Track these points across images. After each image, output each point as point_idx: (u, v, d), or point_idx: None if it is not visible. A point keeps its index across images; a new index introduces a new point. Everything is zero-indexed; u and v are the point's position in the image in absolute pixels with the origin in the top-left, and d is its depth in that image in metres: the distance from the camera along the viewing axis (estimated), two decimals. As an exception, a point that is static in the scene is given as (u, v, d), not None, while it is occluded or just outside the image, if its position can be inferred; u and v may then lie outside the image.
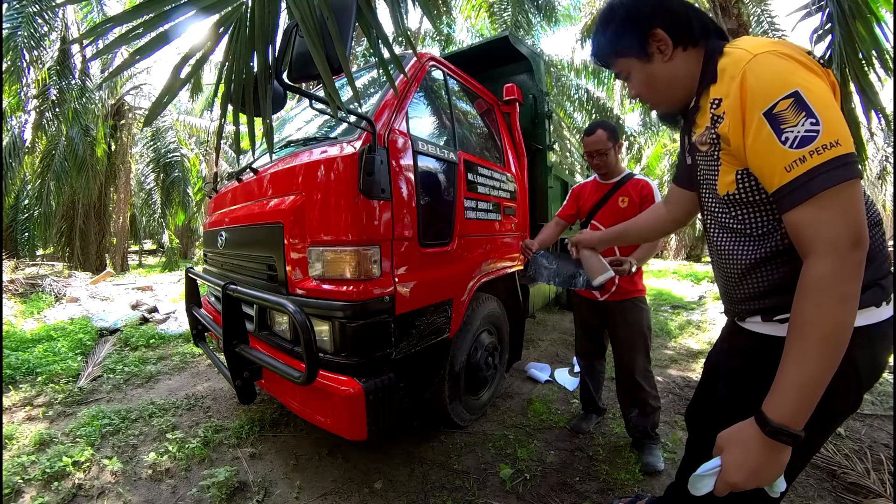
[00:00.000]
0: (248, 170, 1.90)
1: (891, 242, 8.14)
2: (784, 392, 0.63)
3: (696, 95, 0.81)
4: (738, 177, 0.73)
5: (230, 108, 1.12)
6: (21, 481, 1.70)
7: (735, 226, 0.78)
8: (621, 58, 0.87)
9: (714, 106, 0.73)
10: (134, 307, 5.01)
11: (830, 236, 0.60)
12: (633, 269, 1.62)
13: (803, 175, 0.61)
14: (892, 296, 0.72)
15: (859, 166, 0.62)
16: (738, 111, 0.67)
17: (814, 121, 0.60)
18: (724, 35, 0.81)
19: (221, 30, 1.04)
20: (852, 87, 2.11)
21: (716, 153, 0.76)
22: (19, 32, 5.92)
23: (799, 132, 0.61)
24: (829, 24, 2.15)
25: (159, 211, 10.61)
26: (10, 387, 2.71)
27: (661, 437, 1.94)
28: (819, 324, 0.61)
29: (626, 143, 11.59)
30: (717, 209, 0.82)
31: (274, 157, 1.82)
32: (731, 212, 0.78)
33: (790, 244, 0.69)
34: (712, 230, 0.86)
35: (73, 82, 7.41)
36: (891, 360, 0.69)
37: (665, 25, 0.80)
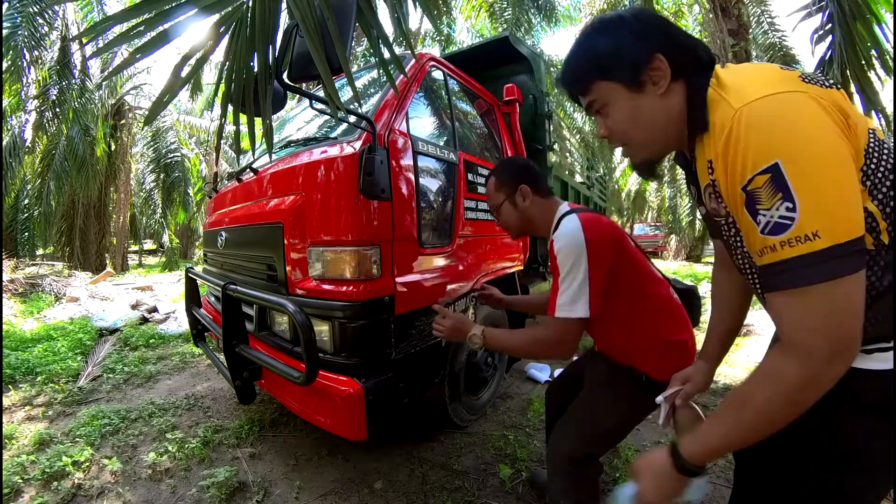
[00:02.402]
0: (248, 170, 1.89)
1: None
2: (703, 440, 0.65)
3: (689, 144, 0.69)
4: None
5: (230, 108, 1.12)
6: (21, 481, 1.69)
7: None
8: (605, 81, 0.71)
9: (710, 170, 0.63)
10: (134, 307, 5.01)
11: (804, 341, 0.54)
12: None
13: (773, 265, 0.54)
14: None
15: (854, 258, 0.51)
16: (726, 183, 0.59)
17: (790, 205, 0.51)
18: (711, 57, 0.69)
19: (222, 29, 1.04)
20: (853, 88, 2.11)
21: (733, 223, 0.66)
22: (19, 32, 5.92)
23: (772, 217, 0.52)
24: (830, 25, 2.16)
25: (159, 211, 10.62)
26: (9, 386, 2.71)
27: None
28: (759, 412, 0.59)
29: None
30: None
31: (274, 157, 1.81)
32: None
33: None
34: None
35: (73, 82, 7.41)
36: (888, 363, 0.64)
37: (668, 52, 0.66)
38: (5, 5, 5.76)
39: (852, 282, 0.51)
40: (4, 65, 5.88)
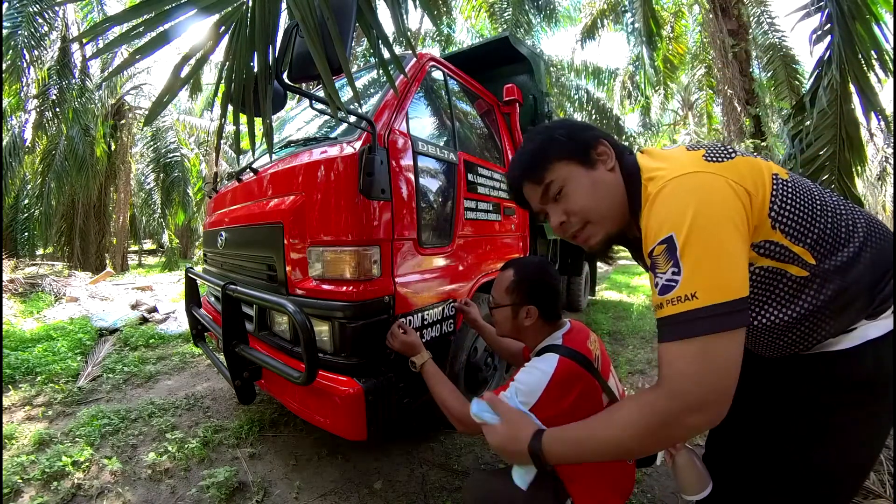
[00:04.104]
0: (248, 170, 1.90)
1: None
2: (562, 444, 0.70)
3: (635, 220, 0.76)
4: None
5: (230, 108, 1.12)
6: (20, 481, 1.69)
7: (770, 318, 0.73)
8: (561, 162, 0.79)
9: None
10: (134, 307, 5.01)
11: (679, 384, 0.59)
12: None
13: (660, 321, 0.62)
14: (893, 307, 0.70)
15: (732, 317, 0.57)
16: (643, 249, 0.69)
17: (675, 270, 0.59)
18: (630, 151, 0.83)
19: (222, 30, 1.04)
20: (851, 88, 2.11)
21: None
22: (19, 32, 5.92)
23: (661, 279, 0.61)
24: (829, 25, 2.15)
25: (159, 211, 10.63)
26: (9, 386, 2.70)
27: None
28: (618, 434, 0.63)
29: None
30: None
31: (274, 157, 1.81)
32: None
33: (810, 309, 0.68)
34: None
35: (73, 82, 7.41)
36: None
37: (606, 140, 0.81)
38: (5, 5, 5.76)
39: (728, 339, 0.57)
40: (4, 65, 5.88)
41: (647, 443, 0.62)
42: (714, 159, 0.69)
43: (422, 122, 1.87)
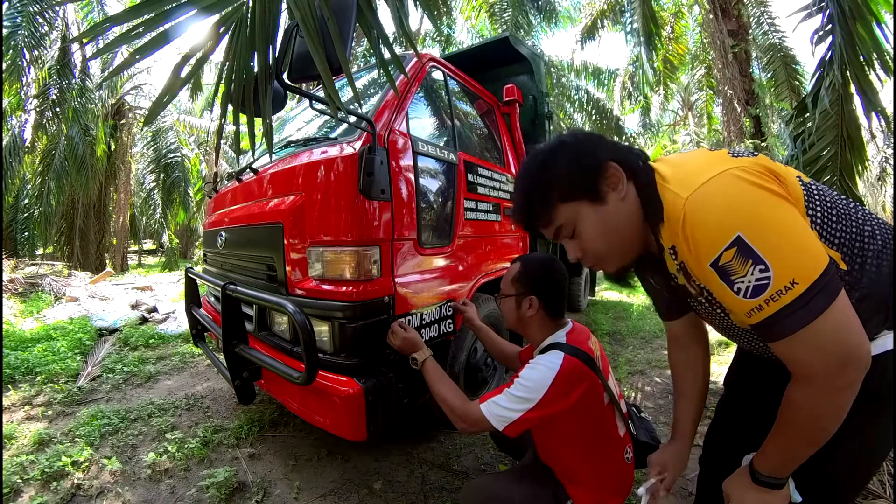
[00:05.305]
0: (247, 170, 1.89)
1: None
2: (768, 455, 0.70)
3: (655, 238, 0.71)
4: None
5: (230, 108, 1.12)
6: (20, 481, 1.69)
7: None
8: (567, 203, 0.73)
9: (674, 256, 0.68)
10: (133, 307, 5.01)
11: (808, 371, 0.59)
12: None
13: (764, 321, 0.59)
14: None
15: (832, 285, 0.57)
16: (693, 263, 0.64)
17: (763, 267, 0.56)
18: (645, 155, 0.76)
19: (222, 30, 1.04)
20: (853, 89, 2.11)
21: (713, 298, 0.70)
22: (20, 32, 5.92)
23: (749, 282, 0.57)
24: (830, 26, 2.15)
25: (159, 211, 10.62)
26: (9, 386, 2.70)
27: None
28: (795, 431, 0.65)
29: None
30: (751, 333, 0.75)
31: (274, 157, 1.81)
32: None
33: None
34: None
35: (73, 82, 7.41)
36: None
37: (616, 157, 0.71)
38: (5, 5, 5.76)
39: (838, 305, 0.56)
40: (4, 65, 5.88)
41: (832, 421, 0.61)
42: (741, 155, 0.68)
43: (422, 122, 1.87)
